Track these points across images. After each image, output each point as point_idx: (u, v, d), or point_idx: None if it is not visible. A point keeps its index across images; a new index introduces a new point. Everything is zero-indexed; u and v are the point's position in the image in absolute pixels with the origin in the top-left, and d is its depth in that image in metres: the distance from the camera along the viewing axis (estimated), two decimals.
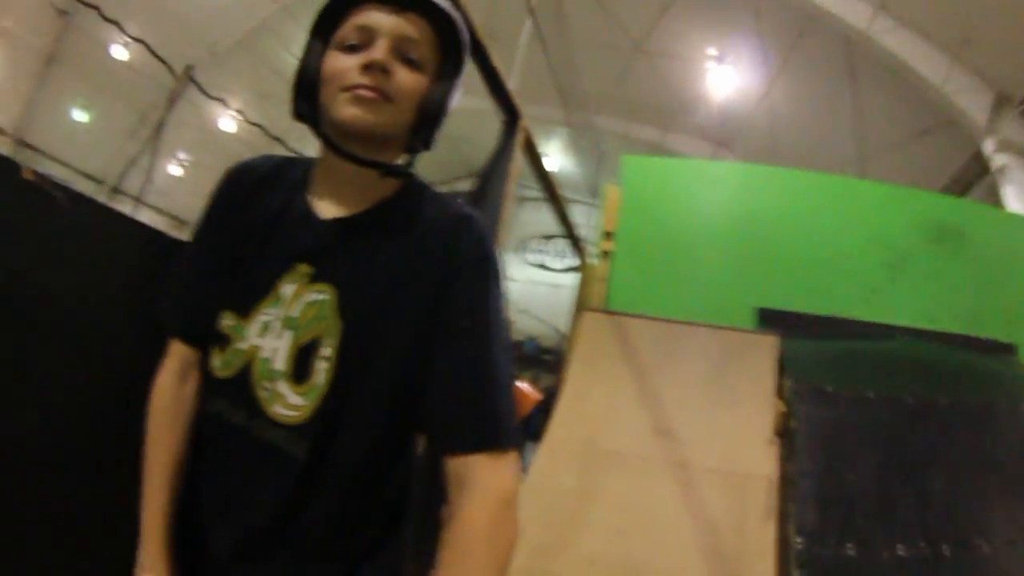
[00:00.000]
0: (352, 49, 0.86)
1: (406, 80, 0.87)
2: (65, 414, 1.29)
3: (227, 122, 15.39)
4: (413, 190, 0.94)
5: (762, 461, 2.57)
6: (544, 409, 3.44)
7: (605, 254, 4.08)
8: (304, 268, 0.87)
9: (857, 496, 2.03)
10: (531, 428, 5.03)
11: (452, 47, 0.92)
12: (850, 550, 1.84)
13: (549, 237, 18.42)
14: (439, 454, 0.83)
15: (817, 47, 10.20)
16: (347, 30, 0.87)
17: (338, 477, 0.83)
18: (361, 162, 0.87)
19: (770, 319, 3.37)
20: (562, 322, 4.80)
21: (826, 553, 1.82)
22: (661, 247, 3.91)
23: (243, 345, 0.86)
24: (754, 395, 2.83)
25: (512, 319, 1.04)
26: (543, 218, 20.47)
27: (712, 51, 11.60)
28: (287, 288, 0.86)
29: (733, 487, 2.55)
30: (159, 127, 5.67)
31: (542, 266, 19.24)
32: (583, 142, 15.64)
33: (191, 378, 0.93)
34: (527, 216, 18.10)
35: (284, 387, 0.84)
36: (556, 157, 16.98)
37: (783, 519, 2.28)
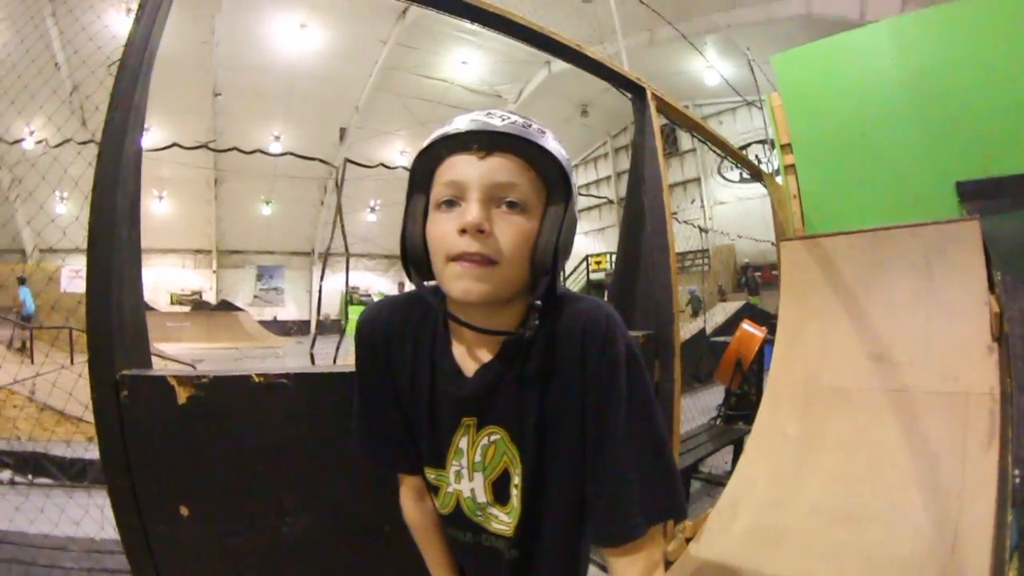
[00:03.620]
0: (450, 205, 0.85)
1: (508, 234, 0.84)
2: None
3: (399, 158, 16.82)
4: (544, 307, 0.91)
5: (982, 374, 2.27)
6: (772, 341, 3.34)
7: (788, 168, 3.83)
8: (468, 420, 0.96)
9: None
10: (765, 367, 4.88)
11: (552, 173, 0.88)
12: None
13: (743, 147, 17.27)
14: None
15: None
16: (440, 187, 0.86)
17: (543, 568, 1.00)
18: (481, 331, 0.91)
19: (972, 192, 2.91)
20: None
21: None
22: (842, 144, 3.55)
23: (450, 490, 1.01)
24: (965, 297, 2.48)
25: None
26: (733, 129, 19.53)
27: None
28: (463, 441, 0.97)
29: (954, 410, 2.30)
30: (339, 188, 6.30)
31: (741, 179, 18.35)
32: (737, 40, 14.50)
33: (426, 496, 1.08)
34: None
35: (494, 510, 0.99)
36: (719, 65, 15.86)
37: (1004, 444, 2.00)
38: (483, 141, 0.84)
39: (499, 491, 0.98)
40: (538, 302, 0.88)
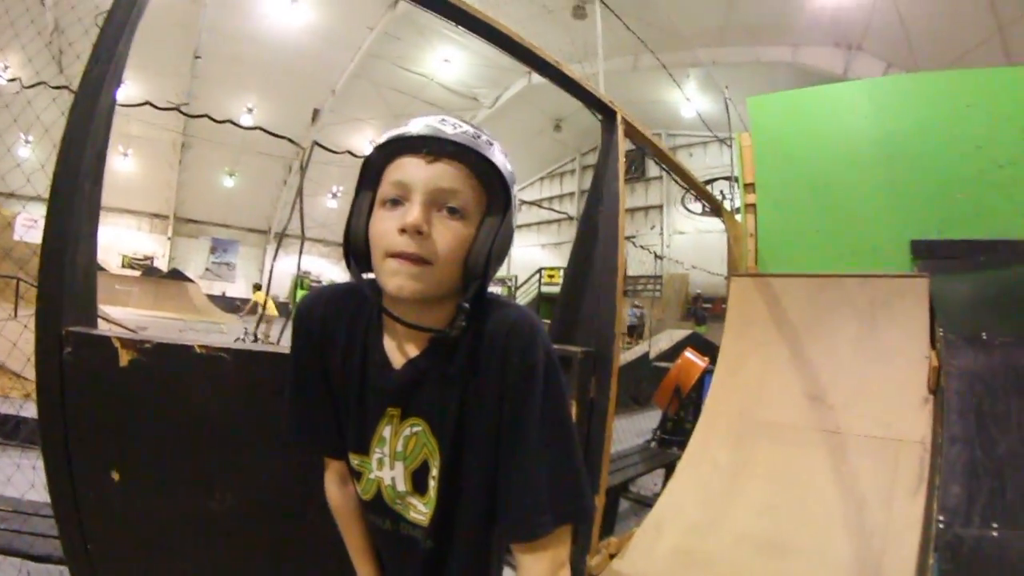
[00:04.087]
0: (395, 204, 0.89)
1: (445, 238, 0.88)
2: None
3: (367, 147, 16.70)
4: (472, 310, 0.95)
5: (916, 424, 2.38)
6: (712, 371, 3.45)
7: (749, 207, 3.93)
8: (393, 411, 1.00)
9: (1008, 466, 1.80)
10: (703, 396, 5.01)
11: (495, 184, 0.92)
12: (995, 531, 1.65)
13: (708, 182, 17.76)
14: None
15: None
16: (387, 186, 0.90)
17: (456, 560, 1.03)
18: (411, 326, 0.94)
19: (925, 251, 3.03)
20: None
21: (969, 534, 1.65)
22: (805, 190, 3.67)
23: (372, 476, 1.04)
24: (907, 349, 2.59)
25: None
26: (703, 163, 19.95)
27: None
28: (386, 430, 1.01)
29: (885, 454, 2.40)
30: (303, 170, 6.22)
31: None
32: (719, 77, 14.86)
33: (349, 481, 1.11)
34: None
35: (412, 499, 1.02)
36: (697, 100, 16.22)
37: (931, 492, 2.11)
38: (433, 146, 0.88)
39: (418, 481, 1.01)
40: (466, 304, 0.92)
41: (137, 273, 21.47)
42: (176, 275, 21.14)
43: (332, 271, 28.01)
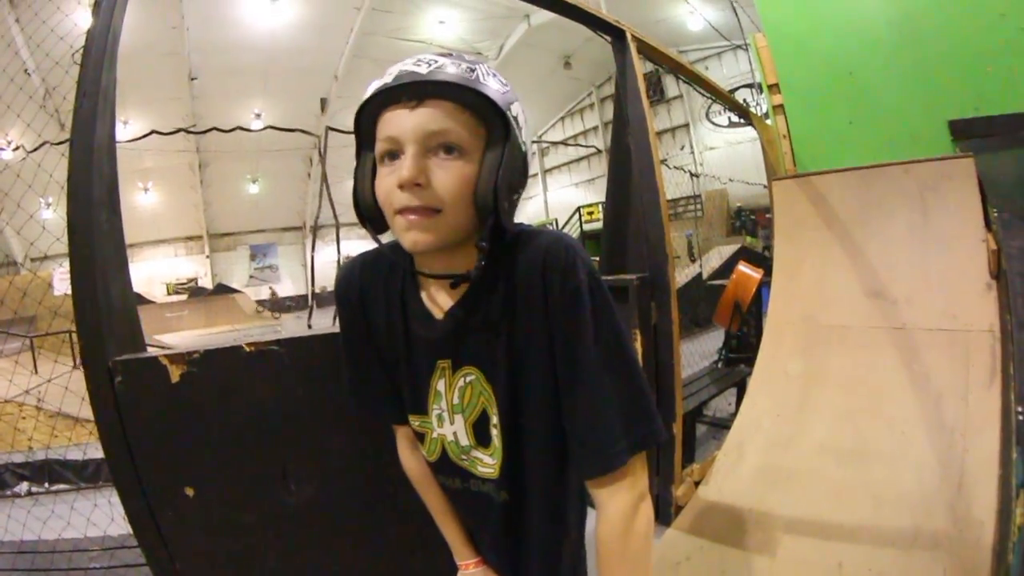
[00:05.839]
0: (392, 158, 0.85)
1: (446, 181, 0.83)
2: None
3: None
4: (504, 244, 0.91)
5: (982, 312, 2.26)
6: (768, 283, 3.35)
7: (777, 108, 3.77)
8: (443, 363, 0.98)
9: None
10: (763, 308, 4.88)
11: (489, 112, 0.85)
12: None
13: (731, 91, 17.19)
14: None
15: None
16: (380, 142, 0.86)
17: (533, 509, 1.01)
18: (435, 276, 0.92)
19: (964, 130, 2.84)
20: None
21: None
22: (830, 83, 3.45)
23: (434, 435, 1.04)
24: (962, 233, 2.44)
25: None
26: (720, 75, 19.26)
27: None
28: (440, 383, 0.99)
29: (955, 347, 2.29)
30: (323, 158, 6.23)
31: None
32: None
33: (418, 445, 1.11)
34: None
35: (477, 453, 1.00)
36: (702, 10, 15.59)
37: (1005, 382, 1.99)
38: (412, 91, 0.82)
39: (480, 432, 0.99)
40: (484, 243, 0.87)
41: (183, 297, 22.03)
42: (222, 289, 21.64)
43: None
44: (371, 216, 0.92)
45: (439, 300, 0.97)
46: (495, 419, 0.96)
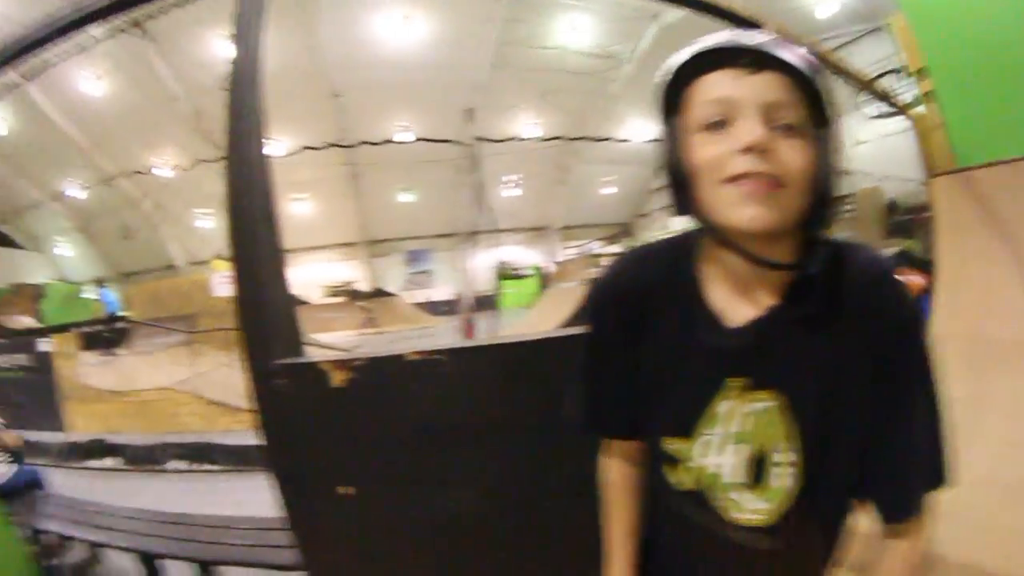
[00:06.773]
0: (717, 126, 0.78)
1: (792, 157, 0.75)
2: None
3: (530, 129, 17.52)
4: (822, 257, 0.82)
5: None
6: (928, 291, 3.03)
7: (927, 96, 3.41)
8: (736, 383, 0.85)
9: None
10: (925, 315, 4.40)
11: (818, 95, 0.77)
12: None
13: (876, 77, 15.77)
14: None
15: None
16: (702, 106, 0.79)
17: (809, 559, 0.92)
18: (771, 266, 0.81)
19: None
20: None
21: None
22: (983, 62, 3.02)
23: (692, 464, 0.90)
24: None
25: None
26: (857, 62, 17.63)
27: None
28: (723, 406, 0.87)
29: None
30: (474, 166, 6.48)
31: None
32: None
33: (638, 464, 1.01)
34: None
35: (742, 495, 0.88)
36: None
37: None
38: (750, 56, 0.76)
39: (755, 470, 0.87)
40: (824, 236, 0.81)
41: (341, 299, 23.52)
42: (378, 293, 22.87)
43: (529, 257, 28.27)
44: (683, 185, 0.82)
45: (738, 300, 0.85)
46: (780, 456, 0.85)
